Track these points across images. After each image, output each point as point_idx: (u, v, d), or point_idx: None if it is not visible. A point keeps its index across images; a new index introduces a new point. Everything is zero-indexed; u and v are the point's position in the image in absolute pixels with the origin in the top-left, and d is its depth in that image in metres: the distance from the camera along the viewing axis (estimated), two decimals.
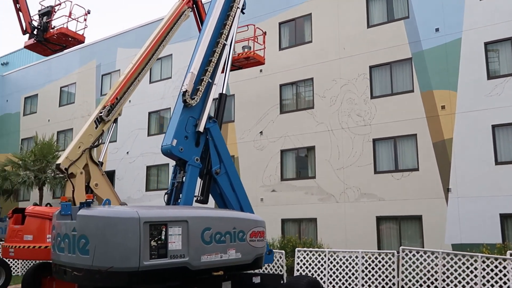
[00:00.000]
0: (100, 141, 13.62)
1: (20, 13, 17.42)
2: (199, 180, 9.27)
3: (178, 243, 7.25)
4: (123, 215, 6.96)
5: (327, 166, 19.58)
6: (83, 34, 17.91)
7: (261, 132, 21.53)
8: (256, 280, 9.21)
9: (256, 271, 9.42)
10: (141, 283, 7.10)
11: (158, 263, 6.99)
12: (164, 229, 7.13)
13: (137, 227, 6.84)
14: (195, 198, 9.02)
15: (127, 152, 25.04)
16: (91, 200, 7.33)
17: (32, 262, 17.75)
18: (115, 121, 14.05)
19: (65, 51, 20.29)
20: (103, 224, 6.92)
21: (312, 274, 12.59)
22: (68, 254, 7.17)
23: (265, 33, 20.72)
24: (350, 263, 12.41)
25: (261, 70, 21.93)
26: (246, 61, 19.39)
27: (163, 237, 7.10)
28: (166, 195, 9.05)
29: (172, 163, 22.96)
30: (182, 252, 7.25)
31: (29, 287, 11.97)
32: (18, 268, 17.88)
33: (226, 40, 10.03)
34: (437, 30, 18.12)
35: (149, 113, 25.47)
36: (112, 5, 79.46)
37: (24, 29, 17.57)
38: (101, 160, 13.61)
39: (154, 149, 24.58)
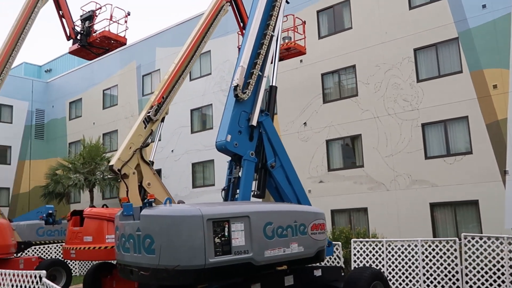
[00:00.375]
0: (149, 141, 13.74)
1: (64, 20, 17.78)
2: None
3: (241, 239, 7.16)
4: (186, 213, 6.93)
5: (375, 154, 19.16)
6: (124, 35, 18.16)
7: (305, 123, 21.29)
8: (317, 273, 9.06)
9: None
10: (207, 280, 7.08)
11: (223, 260, 6.93)
12: (226, 225, 7.06)
13: (200, 225, 6.80)
14: (252, 193, 8.92)
15: (172, 151, 25.28)
16: (153, 199, 7.34)
17: (91, 262, 18.23)
18: (163, 120, 14.15)
19: (106, 54, 20.61)
20: (167, 223, 6.91)
21: (370, 265, 12.31)
22: (134, 254, 7.21)
23: (304, 22, 20.41)
24: (409, 252, 12.06)
25: (301, 61, 21.65)
26: (287, 52, 19.16)
27: (226, 234, 7.04)
28: (223, 191, 8.99)
29: (217, 159, 23.19)
30: (245, 248, 7.17)
31: (90, 287, 12.24)
32: (76, 268, 18.35)
33: (273, 31, 9.86)
34: (484, 6, 17.37)
35: (191, 111, 25.61)
36: (147, 6, 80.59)
37: (68, 35, 17.93)
38: (151, 160, 13.74)
39: (198, 146, 24.75)
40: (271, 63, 9.84)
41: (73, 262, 17.83)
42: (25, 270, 7.90)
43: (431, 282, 11.68)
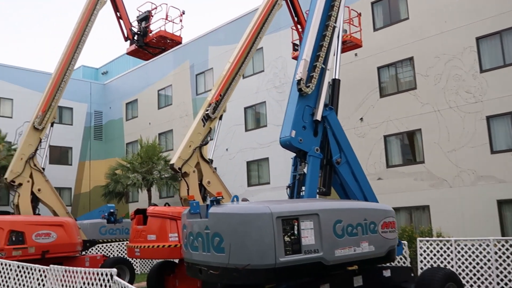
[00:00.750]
0: (208, 139, 13.77)
1: (121, 21, 18.15)
2: None
3: (311, 237, 6.95)
4: (255, 211, 6.79)
5: (436, 149, 18.41)
6: (179, 35, 18.31)
7: (361, 119, 20.77)
8: (387, 273, 8.71)
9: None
10: (277, 280, 6.93)
11: (293, 259, 6.75)
12: (296, 223, 6.87)
13: (270, 223, 6.64)
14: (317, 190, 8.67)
15: (227, 149, 25.35)
16: (220, 197, 7.25)
17: (153, 261, 18.54)
18: (221, 117, 14.14)
19: (161, 54, 20.89)
20: (236, 221, 6.80)
21: (438, 266, 11.76)
22: (203, 252, 7.14)
23: (360, 14, 19.90)
24: (480, 252, 11.41)
25: (356, 54, 21.12)
26: (343, 45, 18.68)
27: (295, 232, 6.84)
28: (288, 189, 8.79)
29: (272, 157, 23.05)
30: (316, 247, 6.95)
31: (153, 285, 12.40)
32: (137, 266, 18.71)
33: (335, 22, 9.55)
34: None
35: (245, 109, 25.60)
36: (197, 4, 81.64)
37: (126, 36, 18.28)
38: (211, 158, 13.75)
39: (252, 144, 24.69)
40: (334, 55, 9.55)
41: (135, 260, 18.16)
42: (95, 268, 8.03)
43: (506, 284, 11.01)
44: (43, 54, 79.29)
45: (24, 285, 9.41)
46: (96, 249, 18.23)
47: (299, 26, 18.02)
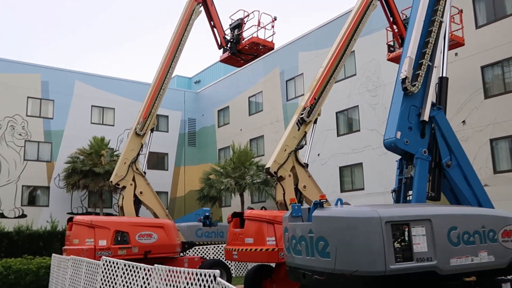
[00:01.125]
0: (303, 143, 13.58)
1: (215, 30, 18.59)
2: None
3: (423, 244, 6.49)
4: (362, 214, 6.48)
5: None
6: (272, 41, 18.36)
7: (463, 121, 19.51)
8: (506, 286, 7.93)
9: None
10: None
11: (404, 267, 6.33)
12: (406, 229, 6.44)
13: (379, 228, 6.28)
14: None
15: (318, 154, 25.02)
16: (324, 200, 7.02)
17: (248, 264, 18.66)
18: (315, 121, 13.90)
19: (253, 61, 21.10)
20: (342, 225, 6.53)
21: None
22: (306, 257, 6.94)
23: (461, 11, 18.75)
24: None
25: (456, 54, 19.90)
26: None
27: (406, 238, 6.42)
28: (393, 193, 8.34)
29: (366, 162, 22.36)
30: (429, 255, 6.47)
31: None
32: (232, 269, 18.91)
33: (442, 17, 8.97)
34: None
35: (336, 113, 25.13)
36: (285, 11, 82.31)
37: (219, 43, 18.68)
38: (306, 162, 13.55)
39: (345, 150, 24.16)
40: (441, 52, 8.96)
41: (230, 263, 18.36)
42: (198, 269, 8.10)
43: None
44: (142, 66, 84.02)
45: (130, 283, 9.76)
46: (193, 251, 18.69)
47: (394, 27, 17.36)
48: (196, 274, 8.01)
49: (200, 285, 7.86)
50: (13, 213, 28.61)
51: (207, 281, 7.66)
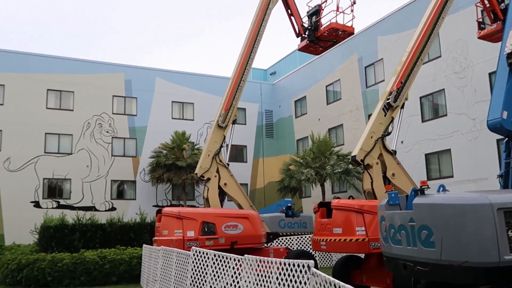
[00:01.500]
0: (390, 129, 13.03)
1: (292, 18, 18.33)
2: None
3: None
4: (471, 201, 5.98)
5: None
6: (351, 25, 17.81)
7: (402, 141, 17.89)
8: None
9: None
10: (496, 281, 6.00)
11: None
12: None
13: (490, 215, 5.77)
14: None
15: (402, 142, 24.03)
16: (426, 186, 6.58)
17: (333, 255, 18.38)
18: (403, 106, 13.27)
19: (330, 48, 20.59)
20: (448, 213, 6.07)
21: None
22: (407, 247, 6.55)
23: None
24: None
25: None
26: None
27: None
28: (500, 178, 7.69)
29: (455, 148, 21.15)
30: None
31: (339, 279, 12.06)
32: (317, 260, 18.67)
33: None
34: None
35: (420, 98, 23.97)
36: None
37: (297, 32, 18.42)
38: (394, 149, 12.98)
39: (431, 136, 23.03)
40: None
41: (315, 253, 18.14)
42: (292, 259, 7.94)
43: None
44: (215, 60, 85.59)
45: (220, 273, 9.82)
46: (276, 242, 18.66)
47: (486, 1, 16.18)
48: (289, 265, 7.89)
49: (293, 276, 7.72)
50: (104, 206, 30.21)
51: (300, 271, 7.50)
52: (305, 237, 19.35)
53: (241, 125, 34.50)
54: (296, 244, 19.09)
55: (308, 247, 18.90)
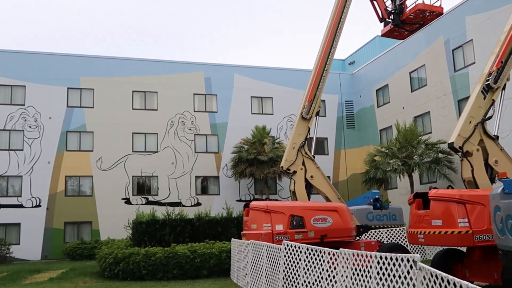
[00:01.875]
0: (491, 113, 12.07)
1: (375, 2, 17.61)
2: None
3: None
4: None
5: None
6: (440, 5, 16.80)
7: None
8: None
9: None
10: None
11: None
12: None
13: None
14: None
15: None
16: None
17: (427, 248, 17.51)
18: (504, 87, 12.24)
19: (416, 32, 19.57)
20: None
21: None
22: None
23: None
24: None
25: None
26: None
27: None
28: None
29: None
30: None
31: None
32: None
33: None
34: None
35: None
36: None
37: (381, 16, 17.70)
38: (496, 134, 12.02)
39: None
40: None
41: (410, 246, 17.36)
42: (394, 253, 7.50)
43: None
44: (296, 52, 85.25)
45: (314, 267, 9.56)
46: (366, 235, 18.08)
47: None
48: (391, 259, 7.45)
49: (396, 271, 7.28)
50: (189, 202, 31.02)
51: (405, 266, 7.05)
52: (396, 229, 18.57)
53: (321, 117, 33.41)
54: (387, 237, 18.38)
55: (400, 240, 18.14)
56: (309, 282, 9.62)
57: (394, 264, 7.31)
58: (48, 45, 77.60)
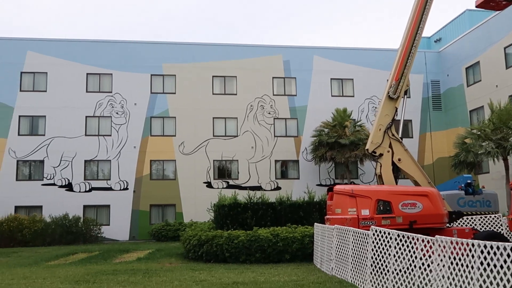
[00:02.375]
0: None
1: None
2: None
3: None
4: None
5: None
6: None
7: None
8: None
9: None
10: None
11: None
12: None
13: None
14: None
15: None
16: None
17: None
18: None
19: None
20: None
21: None
22: None
23: None
24: None
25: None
26: None
27: None
28: None
29: None
30: None
31: None
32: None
33: None
34: None
35: None
36: None
37: None
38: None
39: None
40: None
41: (510, 235, 16.11)
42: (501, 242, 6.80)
43: None
44: (374, 32, 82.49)
45: (406, 254, 8.99)
46: (457, 222, 16.99)
47: None
48: (498, 248, 6.76)
49: (505, 262, 6.60)
50: (269, 186, 31.03)
51: None
52: (491, 216, 17.27)
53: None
54: (481, 224, 17.15)
55: (496, 228, 16.85)
56: (400, 270, 9.08)
57: (501, 254, 6.64)
58: (129, 34, 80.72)
